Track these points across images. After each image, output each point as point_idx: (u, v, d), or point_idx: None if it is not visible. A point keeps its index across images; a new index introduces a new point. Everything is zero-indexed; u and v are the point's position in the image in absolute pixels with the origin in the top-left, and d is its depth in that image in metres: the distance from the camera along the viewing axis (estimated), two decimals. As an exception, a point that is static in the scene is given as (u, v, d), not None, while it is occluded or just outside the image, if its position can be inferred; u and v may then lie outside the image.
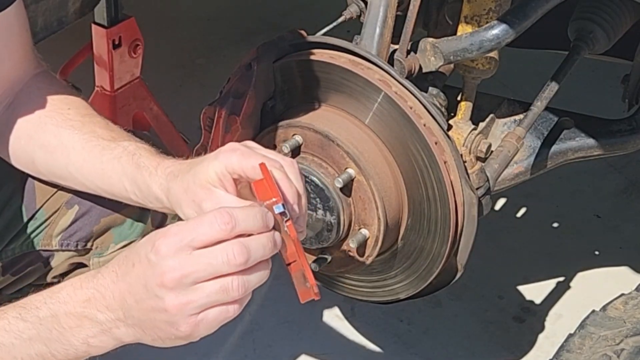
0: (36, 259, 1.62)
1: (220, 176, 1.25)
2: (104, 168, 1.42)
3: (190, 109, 2.73)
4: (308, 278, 1.23)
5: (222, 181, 1.26)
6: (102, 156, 1.42)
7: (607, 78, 3.11)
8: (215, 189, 1.26)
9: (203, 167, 1.27)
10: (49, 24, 2.19)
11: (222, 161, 1.26)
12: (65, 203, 1.59)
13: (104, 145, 1.43)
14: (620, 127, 1.92)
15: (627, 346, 1.50)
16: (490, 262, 2.62)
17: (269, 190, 1.18)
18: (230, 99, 1.79)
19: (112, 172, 1.42)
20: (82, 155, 1.44)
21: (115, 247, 1.61)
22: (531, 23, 1.72)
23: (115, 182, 1.42)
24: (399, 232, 1.79)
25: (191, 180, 1.29)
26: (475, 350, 2.42)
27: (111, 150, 1.42)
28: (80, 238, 1.60)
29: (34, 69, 1.54)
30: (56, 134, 1.46)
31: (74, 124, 1.46)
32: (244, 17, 3.61)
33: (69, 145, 1.45)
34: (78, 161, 1.45)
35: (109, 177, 1.43)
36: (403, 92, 1.70)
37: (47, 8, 2.16)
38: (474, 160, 1.85)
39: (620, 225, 2.79)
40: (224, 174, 1.25)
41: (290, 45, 1.79)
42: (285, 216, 1.17)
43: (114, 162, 1.41)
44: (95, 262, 1.62)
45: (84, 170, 1.45)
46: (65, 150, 1.46)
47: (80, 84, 2.55)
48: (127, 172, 1.39)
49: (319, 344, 2.41)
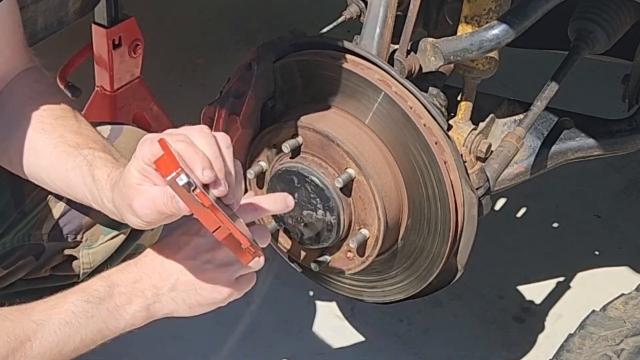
0: (27, 253, 1.62)
1: (141, 172, 1.25)
2: (68, 176, 1.43)
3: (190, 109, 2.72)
4: (240, 240, 1.21)
5: (145, 176, 1.25)
6: (67, 163, 1.43)
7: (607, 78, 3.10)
8: (140, 186, 1.26)
9: (127, 170, 1.28)
10: (49, 24, 2.19)
11: (137, 156, 1.25)
12: (53, 196, 1.59)
13: (69, 152, 1.43)
14: (620, 127, 1.92)
15: (627, 346, 1.50)
16: (490, 262, 2.62)
17: (169, 163, 1.17)
18: (230, 99, 1.79)
19: (74, 180, 1.43)
20: (50, 160, 1.45)
21: (104, 238, 1.62)
22: (531, 23, 1.72)
23: (79, 191, 1.43)
24: (399, 232, 1.79)
25: (122, 185, 1.30)
26: (475, 350, 2.42)
27: (74, 158, 1.42)
28: (69, 231, 1.61)
29: (25, 64, 1.54)
30: (29, 137, 1.46)
31: (45, 127, 1.46)
32: (244, 17, 3.61)
33: (39, 149, 1.46)
34: (47, 166, 1.46)
35: (73, 185, 1.44)
36: (403, 92, 1.70)
37: (47, 8, 2.16)
38: (474, 160, 1.85)
39: (620, 225, 2.79)
40: (144, 167, 1.24)
41: (290, 45, 1.80)
42: (191, 185, 1.15)
43: (76, 171, 1.42)
44: (85, 253, 1.62)
45: (52, 175, 1.46)
46: (36, 154, 1.46)
47: (80, 84, 2.56)
48: (86, 182, 1.40)
49: (319, 344, 2.41)
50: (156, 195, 1.25)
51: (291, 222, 1.79)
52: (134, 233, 1.64)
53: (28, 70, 1.54)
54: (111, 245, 1.63)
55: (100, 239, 1.62)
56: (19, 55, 1.53)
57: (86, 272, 1.64)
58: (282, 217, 1.80)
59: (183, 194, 1.17)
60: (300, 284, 2.35)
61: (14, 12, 1.50)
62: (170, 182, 1.16)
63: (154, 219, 1.28)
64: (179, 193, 1.18)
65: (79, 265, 1.64)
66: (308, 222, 1.76)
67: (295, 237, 1.81)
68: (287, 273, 1.96)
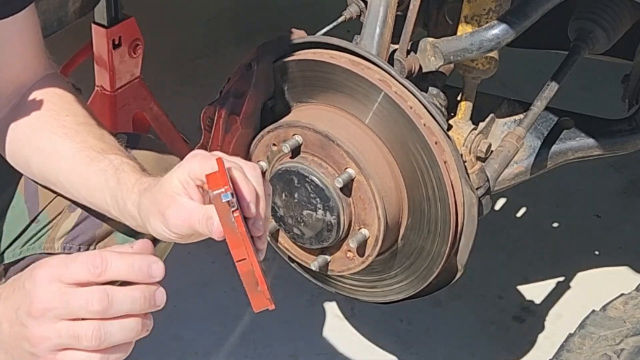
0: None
1: (184, 183, 1.25)
2: (89, 179, 1.43)
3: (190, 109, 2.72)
4: (259, 281, 1.17)
5: (185, 189, 1.25)
6: (90, 167, 1.43)
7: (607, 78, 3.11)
8: (179, 196, 1.25)
9: (168, 177, 1.27)
10: (49, 24, 2.19)
11: (184, 168, 1.25)
12: (68, 206, 1.59)
13: (93, 156, 1.43)
14: (620, 127, 1.92)
15: (627, 346, 1.50)
16: (490, 262, 2.62)
17: (220, 180, 1.15)
18: (231, 99, 1.79)
19: (96, 184, 1.42)
20: (71, 164, 1.45)
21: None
22: (531, 23, 1.72)
23: (98, 195, 1.43)
24: (399, 232, 1.79)
25: (157, 192, 1.29)
26: (475, 350, 2.42)
27: (98, 162, 1.42)
28: (83, 241, 1.60)
29: (44, 70, 1.55)
30: (50, 141, 1.46)
31: (68, 132, 1.46)
32: (244, 17, 3.61)
33: (60, 153, 1.46)
34: (67, 170, 1.46)
35: (93, 189, 1.43)
36: (403, 92, 1.70)
37: (47, 8, 2.16)
38: (474, 160, 1.85)
39: (620, 225, 2.79)
40: (187, 180, 1.24)
41: (290, 45, 1.79)
42: (233, 206, 1.14)
43: (99, 175, 1.41)
44: None
45: (72, 179, 1.46)
46: (57, 158, 1.46)
47: (80, 84, 2.55)
48: (110, 186, 1.40)
49: (319, 344, 2.41)
50: (193, 209, 1.24)
51: (291, 222, 1.79)
52: None
53: (49, 76, 1.55)
54: None
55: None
56: (38, 61, 1.54)
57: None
58: (282, 217, 1.80)
59: (223, 212, 1.16)
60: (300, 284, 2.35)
61: (32, 20, 1.51)
62: (215, 197, 1.15)
63: (181, 232, 1.27)
64: (219, 210, 1.16)
65: None
66: (308, 222, 1.76)
67: (295, 237, 1.81)
68: (287, 273, 1.96)
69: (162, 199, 1.27)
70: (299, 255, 1.87)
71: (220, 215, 1.16)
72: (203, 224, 1.23)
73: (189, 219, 1.25)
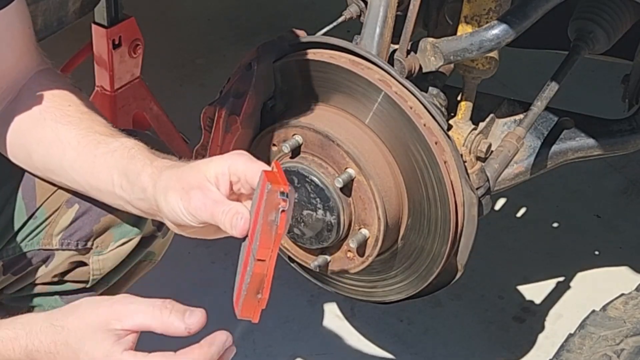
0: (37, 258, 1.62)
1: (219, 174, 1.25)
2: (95, 161, 1.43)
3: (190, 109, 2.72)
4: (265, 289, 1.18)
5: (218, 179, 1.26)
6: (97, 149, 1.43)
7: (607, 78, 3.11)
8: (208, 183, 1.26)
9: (205, 163, 1.28)
10: (49, 24, 2.19)
11: (227, 160, 1.26)
12: (65, 202, 1.59)
13: (100, 140, 1.44)
14: (620, 127, 1.92)
15: (627, 346, 1.50)
16: (490, 262, 2.62)
17: (280, 179, 1.17)
18: (231, 99, 1.79)
19: (102, 165, 1.42)
20: (76, 150, 1.45)
21: (115, 244, 1.61)
22: (531, 23, 1.72)
23: (104, 176, 1.42)
24: (399, 232, 1.79)
25: (187, 170, 1.29)
26: (475, 350, 2.42)
27: (107, 144, 1.42)
28: (80, 237, 1.60)
29: (37, 65, 1.54)
30: (54, 129, 1.46)
31: (72, 120, 1.46)
32: (244, 17, 3.61)
33: (64, 140, 1.46)
34: (72, 156, 1.45)
35: (98, 172, 1.43)
36: (403, 92, 1.70)
37: (47, 8, 2.16)
38: (474, 160, 1.85)
39: (620, 225, 2.79)
40: (224, 172, 1.25)
41: (290, 45, 1.79)
42: (284, 207, 1.15)
43: (107, 156, 1.41)
44: (95, 260, 1.62)
45: (76, 164, 1.46)
46: (61, 145, 1.46)
47: (80, 84, 2.54)
48: (119, 164, 1.40)
49: (319, 344, 2.41)
50: (220, 200, 1.25)
51: (291, 222, 1.79)
52: (144, 240, 1.64)
53: (43, 71, 1.54)
54: (122, 251, 1.62)
55: (111, 245, 1.61)
56: (31, 56, 1.54)
57: (95, 279, 1.64)
58: (282, 217, 1.80)
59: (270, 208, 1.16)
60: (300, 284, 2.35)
61: (23, 13, 1.51)
62: (272, 190, 1.15)
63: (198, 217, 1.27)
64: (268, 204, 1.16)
65: (89, 271, 1.64)
66: (308, 222, 1.76)
67: (295, 237, 1.81)
68: (287, 273, 1.96)
69: (192, 179, 1.27)
70: (299, 255, 1.87)
71: (266, 210, 1.17)
72: (229, 216, 1.23)
73: (213, 207, 1.25)
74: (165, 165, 1.35)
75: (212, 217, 1.25)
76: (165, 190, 1.31)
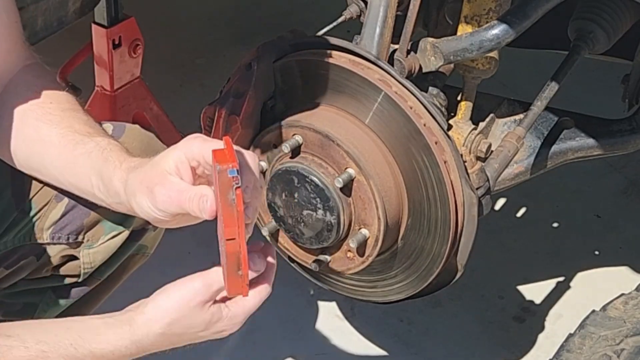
0: (28, 253, 1.62)
1: (178, 163, 1.25)
2: (75, 162, 1.43)
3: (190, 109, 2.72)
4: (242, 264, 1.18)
5: (178, 169, 1.26)
6: (75, 150, 1.43)
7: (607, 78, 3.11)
8: (170, 176, 1.26)
9: (162, 156, 1.28)
10: (49, 24, 2.19)
11: (181, 149, 1.26)
12: (54, 196, 1.59)
13: (79, 139, 1.44)
14: (620, 127, 1.92)
15: (627, 346, 1.50)
16: (490, 262, 2.62)
17: (227, 156, 1.16)
18: (231, 99, 1.79)
19: (81, 166, 1.43)
20: (57, 148, 1.45)
21: (105, 238, 1.62)
22: (531, 23, 1.72)
23: (83, 177, 1.43)
24: (399, 232, 1.79)
25: (149, 169, 1.30)
26: (475, 350, 2.42)
27: (84, 144, 1.43)
28: (71, 231, 1.61)
29: (24, 60, 1.54)
30: (36, 128, 1.46)
31: (53, 118, 1.47)
32: (244, 17, 3.61)
33: (46, 139, 1.46)
34: (53, 154, 1.46)
35: (78, 172, 1.44)
36: (403, 92, 1.70)
37: (47, 8, 2.16)
38: (474, 160, 1.85)
39: (620, 225, 2.79)
40: (182, 160, 1.25)
41: (290, 45, 1.79)
42: (237, 183, 1.14)
43: (85, 157, 1.42)
44: (85, 253, 1.62)
45: (57, 163, 1.46)
46: (42, 144, 1.46)
47: (80, 84, 2.56)
48: (95, 166, 1.40)
49: (319, 344, 2.41)
50: (184, 189, 1.26)
51: (291, 222, 1.79)
52: (135, 233, 1.64)
53: (29, 66, 1.54)
54: (112, 244, 1.63)
55: (102, 238, 1.62)
56: (17, 51, 1.53)
57: (87, 272, 1.65)
58: (282, 217, 1.80)
59: (224, 187, 1.16)
60: (300, 284, 2.35)
61: (9, 7, 1.50)
62: (222, 171, 1.15)
63: (168, 210, 1.28)
64: (221, 185, 1.16)
65: (80, 265, 1.64)
66: (308, 222, 1.76)
67: (295, 237, 1.81)
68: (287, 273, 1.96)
69: (153, 176, 1.28)
70: (299, 255, 1.87)
71: (221, 190, 1.17)
72: (195, 202, 1.24)
73: (178, 197, 1.26)
74: (131, 167, 1.36)
75: (180, 207, 1.26)
76: (133, 194, 1.33)
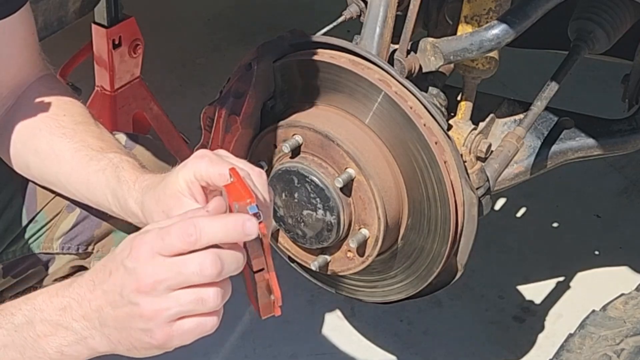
0: (37, 262, 1.62)
1: (189, 183, 1.23)
2: (89, 179, 1.43)
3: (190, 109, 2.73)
4: (274, 289, 1.18)
5: (190, 189, 1.24)
6: (89, 167, 1.42)
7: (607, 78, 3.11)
8: (184, 197, 1.24)
9: (173, 176, 1.26)
10: (49, 24, 2.19)
11: (190, 168, 1.23)
12: (66, 206, 1.59)
13: (92, 155, 1.43)
14: (620, 127, 1.92)
15: (627, 346, 1.50)
16: (490, 262, 2.62)
17: (242, 191, 1.14)
18: (231, 99, 1.79)
19: (96, 183, 1.42)
20: (70, 164, 1.45)
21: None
22: (531, 23, 1.72)
23: (99, 194, 1.42)
24: (399, 232, 1.79)
25: (162, 191, 1.28)
26: (475, 350, 2.42)
27: (97, 161, 1.42)
28: (81, 242, 1.60)
29: (39, 72, 1.54)
30: (48, 141, 1.46)
31: (66, 132, 1.46)
32: (244, 17, 3.61)
33: (59, 153, 1.46)
34: (67, 170, 1.45)
35: (93, 188, 1.43)
36: (403, 92, 1.70)
37: (47, 8, 2.16)
38: (474, 160, 1.85)
39: (620, 225, 2.79)
40: (192, 180, 1.23)
41: (290, 45, 1.79)
42: (259, 218, 1.12)
43: (99, 174, 1.41)
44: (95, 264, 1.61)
45: (72, 179, 1.46)
46: (56, 158, 1.46)
47: (80, 84, 2.56)
48: (110, 184, 1.39)
49: (319, 344, 2.41)
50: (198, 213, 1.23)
51: (291, 222, 1.79)
52: None
53: (44, 77, 1.54)
54: None
55: (112, 250, 1.61)
56: (32, 63, 1.54)
57: None
58: (282, 217, 1.80)
59: None
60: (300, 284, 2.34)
61: (27, 20, 1.51)
62: (241, 208, 1.12)
63: None
64: None
65: None
66: (308, 222, 1.76)
67: (295, 237, 1.81)
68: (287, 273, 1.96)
69: (167, 199, 1.26)
70: (299, 255, 1.87)
71: None
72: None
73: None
74: (144, 186, 1.34)
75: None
76: (150, 216, 1.31)
